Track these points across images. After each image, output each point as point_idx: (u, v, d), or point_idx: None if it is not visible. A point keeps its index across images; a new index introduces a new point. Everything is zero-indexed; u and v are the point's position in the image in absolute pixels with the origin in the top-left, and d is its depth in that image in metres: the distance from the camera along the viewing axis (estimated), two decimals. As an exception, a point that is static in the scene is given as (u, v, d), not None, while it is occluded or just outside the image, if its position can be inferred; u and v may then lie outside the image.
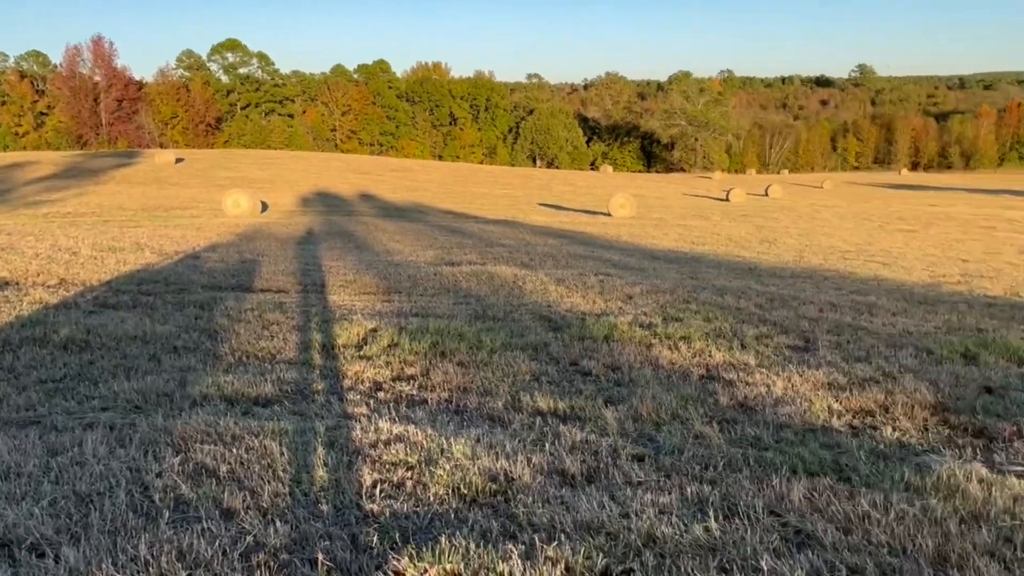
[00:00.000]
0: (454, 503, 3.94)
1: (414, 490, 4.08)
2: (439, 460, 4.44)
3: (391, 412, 5.46)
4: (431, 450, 4.60)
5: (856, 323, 9.70)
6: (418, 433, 4.88)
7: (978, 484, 4.21)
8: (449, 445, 4.66)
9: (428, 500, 3.97)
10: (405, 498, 3.98)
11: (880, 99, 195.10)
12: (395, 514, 3.80)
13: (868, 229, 33.66)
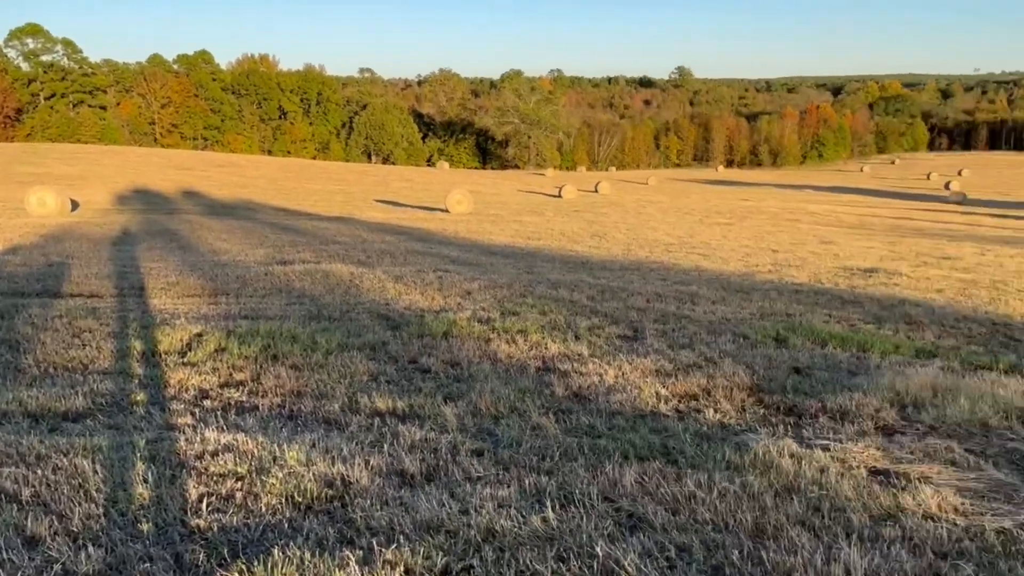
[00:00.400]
0: (288, 512, 3.79)
1: (244, 501, 3.89)
2: (271, 468, 4.25)
3: (219, 421, 5.18)
4: (263, 458, 4.40)
5: (680, 312, 10.23)
6: (248, 441, 4.66)
7: (790, 459, 4.53)
8: (282, 452, 4.48)
9: (260, 511, 3.79)
10: (235, 511, 3.78)
11: (697, 100, 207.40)
12: (224, 528, 3.60)
13: (689, 223, 35.64)
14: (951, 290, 13.50)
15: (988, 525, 3.78)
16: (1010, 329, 9.85)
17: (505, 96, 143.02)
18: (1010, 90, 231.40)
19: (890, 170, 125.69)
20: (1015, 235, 33.54)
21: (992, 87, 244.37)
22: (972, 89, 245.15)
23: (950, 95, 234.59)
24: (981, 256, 22.14)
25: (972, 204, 59.68)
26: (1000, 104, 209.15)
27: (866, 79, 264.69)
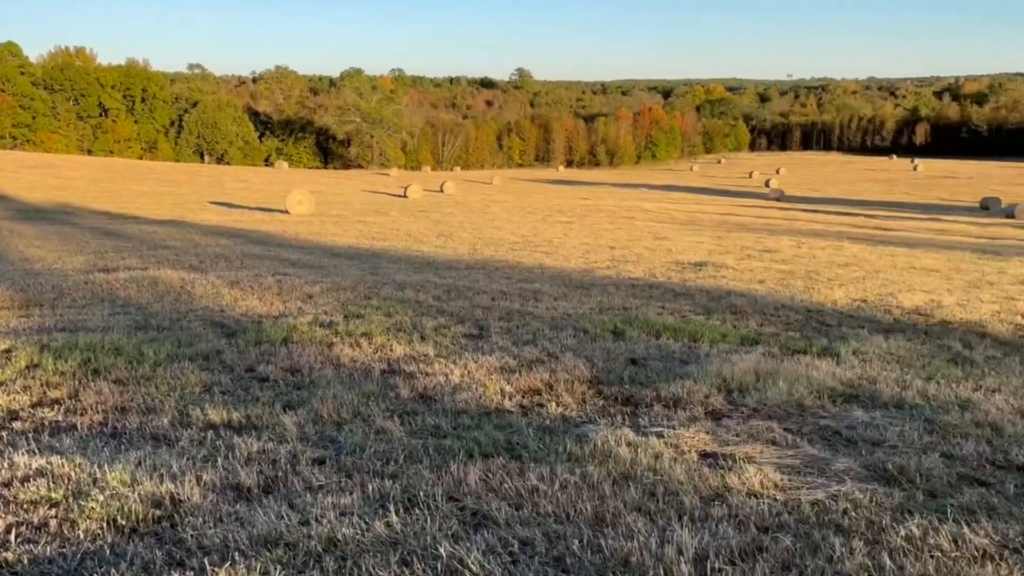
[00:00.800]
0: (110, 537, 3.53)
1: (60, 529, 3.58)
2: (91, 491, 3.95)
3: (30, 444, 4.75)
4: (81, 481, 4.08)
5: (524, 309, 10.41)
6: (64, 464, 4.31)
7: (627, 447, 4.71)
8: (103, 473, 4.17)
9: (78, 538, 3.50)
10: (48, 540, 3.48)
11: (538, 101, 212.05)
12: (36, 560, 3.31)
13: (532, 221, 36.37)
14: (771, 280, 14.50)
15: (804, 498, 4.08)
16: (822, 315, 10.70)
17: (346, 95, 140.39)
18: (819, 94, 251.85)
19: (717, 169, 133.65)
20: (826, 228, 36.52)
21: (804, 92, 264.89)
22: (786, 93, 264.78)
23: (767, 99, 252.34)
24: (797, 248, 23.92)
25: (789, 200, 64.49)
26: (811, 107, 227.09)
27: (693, 83, 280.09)
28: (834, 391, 6.31)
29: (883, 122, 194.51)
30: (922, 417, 5.67)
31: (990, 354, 8.28)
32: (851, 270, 17.20)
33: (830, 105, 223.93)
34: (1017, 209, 48.99)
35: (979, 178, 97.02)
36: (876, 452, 4.89)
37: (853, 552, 3.41)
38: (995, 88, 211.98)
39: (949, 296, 12.81)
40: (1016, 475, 4.57)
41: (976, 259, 21.56)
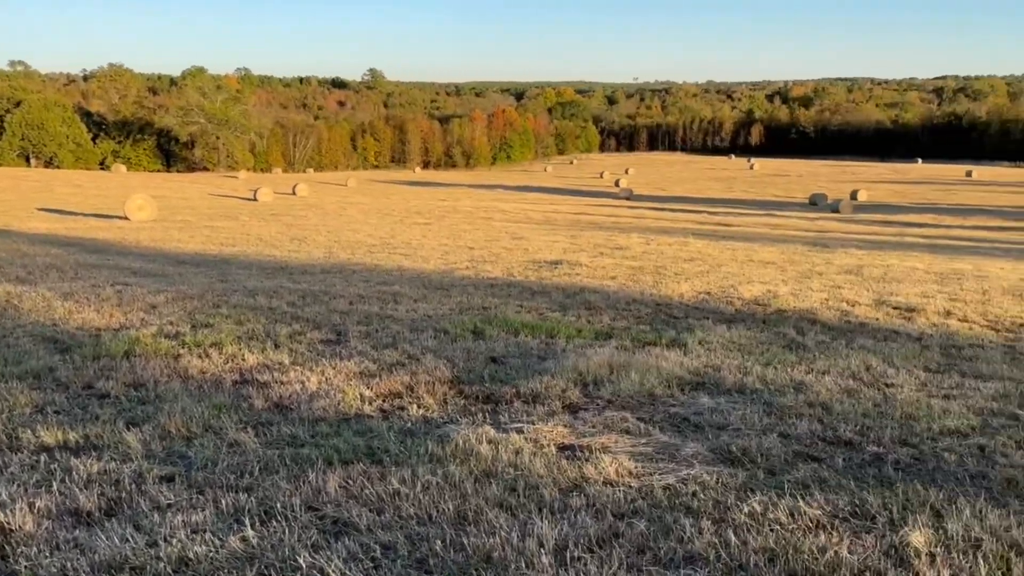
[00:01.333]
0: (-72, 578, 3.22)
1: None
2: (-96, 529, 3.58)
3: None
4: None
5: (383, 312, 10.31)
6: None
7: (488, 445, 4.76)
8: (-81, 508, 3.79)
9: None
10: None
11: (391, 102, 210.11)
12: None
13: (390, 223, 36.04)
14: (623, 277, 15.04)
15: (656, 483, 4.27)
16: (670, 308, 11.20)
17: (188, 94, 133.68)
18: (663, 97, 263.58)
19: (569, 170, 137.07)
20: (673, 225, 38.24)
21: (649, 94, 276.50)
22: (633, 96, 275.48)
23: (615, 101, 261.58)
24: (646, 245, 24.92)
25: (638, 199, 67.02)
26: (656, 110, 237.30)
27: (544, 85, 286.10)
28: (682, 380, 6.63)
29: (722, 123, 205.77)
30: (761, 400, 6.05)
31: (820, 339, 8.94)
32: (696, 265, 18.09)
33: (673, 107, 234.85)
34: (841, 204, 53.07)
35: (808, 176, 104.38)
36: (721, 436, 5.18)
37: (702, 531, 3.60)
38: (819, 92, 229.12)
39: (784, 286, 13.72)
40: (844, 449, 4.96)
41: (807, 251, 23.20)
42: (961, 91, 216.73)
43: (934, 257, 22.27)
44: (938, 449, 4.93)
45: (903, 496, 4.04)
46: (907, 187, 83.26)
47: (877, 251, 24.21)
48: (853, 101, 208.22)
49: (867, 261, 19.75)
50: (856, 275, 16.10)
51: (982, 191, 75.64)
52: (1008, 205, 58.97)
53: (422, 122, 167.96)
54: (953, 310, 11.07)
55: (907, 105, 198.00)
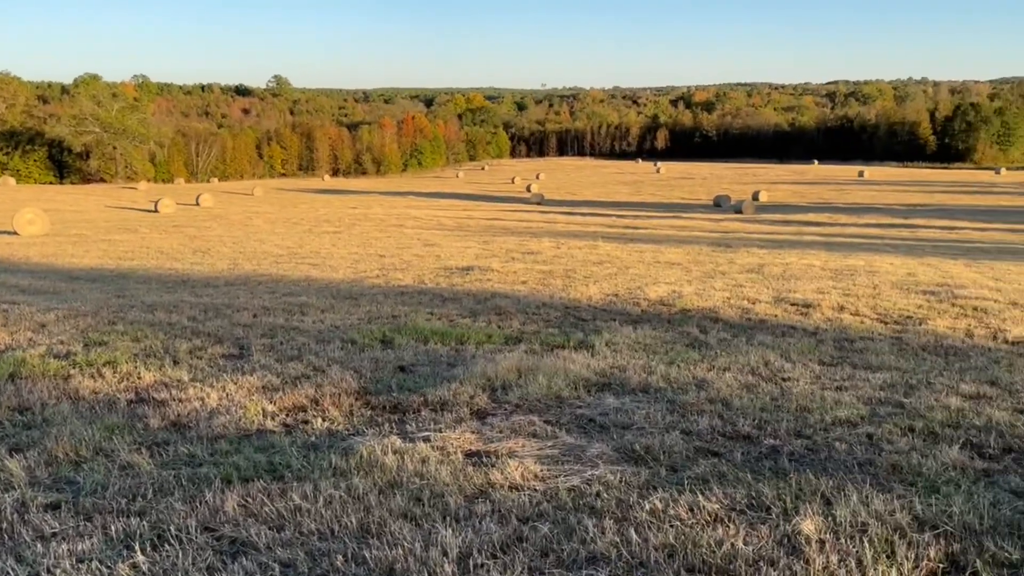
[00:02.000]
0: None
1: None
2: None
3: None
4: None
5: (289, 324, 10.08)
6: None
7: (393, 455, 4.70)
8: None
9: None
10: None
11: (298, 109, 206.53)
12: None
13: (298, 233, 35.35)
14: (533, 281, 15.15)
15: (561, 485, 4.30)
16: (578, 311, 11.34)
17: (81, 103, 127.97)
18: (571, 103, 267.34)
19: (481, 175, 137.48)
20: (583, 229, 38.81)
21: (557, 100, 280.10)
22: (541, 102, 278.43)
23: (524, 107, 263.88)
24: (557, 249, 25.19)
25: (549, 204, 67.74)
26: (564, 115, 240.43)
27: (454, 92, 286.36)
28: (589, 381, 6.71)
29: (628, 128, 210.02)
30: (665, 399, 6.18)
31: (722, 336, 9.21)
32: (605, 267, 18.38)
33: (581, 113, 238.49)
34: (744, 205, 54.90)
35: (712, 178, 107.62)
36: (626, 435, 5.26)
37: (604, 531, 3.65)
38: (721, 97, 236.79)
39: (689, 286, 14.07)
40: (743, 443, 5.11)
41: (711, 251, 23.90)
42: (852, 95, 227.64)
43: (830, 254, 23.25)
44: (830, 439, 5.14)
45: (796, 486, 4.19)
46: (805, 187, 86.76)
47: (777, 250, 25.13)
48: (753, 105, 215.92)
49: (768, 260, 20.47)
50: (757, 273, 16.66)
51: (873, 190, 79.50)
52: (897, 203, 62.15)
53: (330, 129, 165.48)
54: (846, 305, 11.57)
55: (803, 109, 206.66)
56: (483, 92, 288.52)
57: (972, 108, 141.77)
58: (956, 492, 4.12)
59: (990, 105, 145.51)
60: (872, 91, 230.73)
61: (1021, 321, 10.24)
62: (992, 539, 3.56)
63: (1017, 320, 10.31)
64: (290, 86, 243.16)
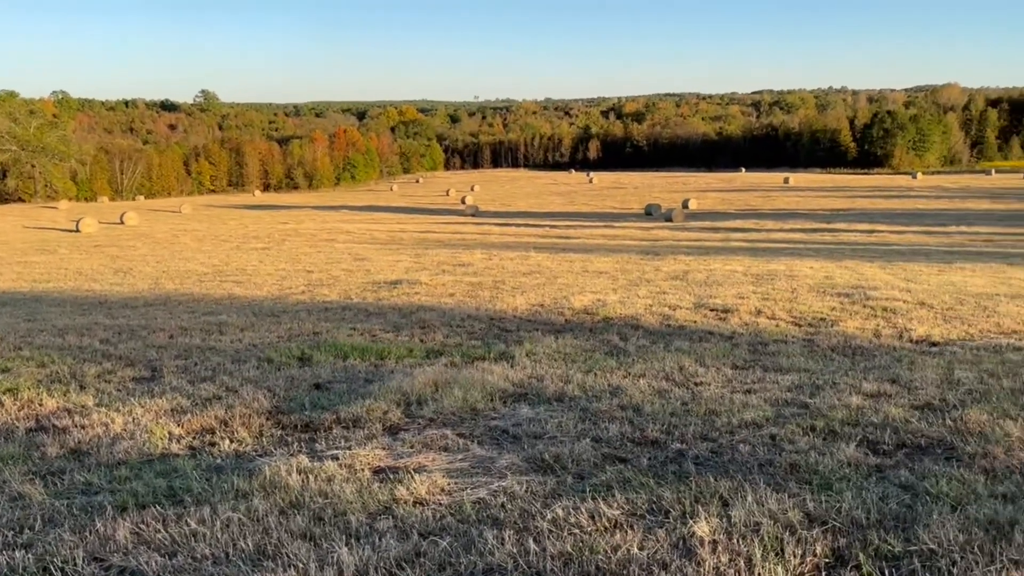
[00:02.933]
0: None
1: None
2: None
3: None
4: None
5: (206, 344, 9.86)
6: None
7: (298, 475, 4.63)
8: None
9: None
10: None
11: (227, 124, 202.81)
12: None
13: (226, 250, 34.65)
14: (461, 293, 15.14)
15: (467, 498, 4.30)
16: (503, 322, 11.38)
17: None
18: (504, 115, 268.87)
19: (415, 188, 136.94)
20: (516, 240, 38.97)
21: (490, 112, 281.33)
22: (475, 114, 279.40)
23: (457, 120, 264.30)
24: (488, 261, 25.24)
25: (484, 215, 67.83)
26: (497, 127, 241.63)
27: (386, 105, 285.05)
28: (505, 392, 6.73)
29: (561, 139, 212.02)
30: (579, 407, 6.24)
31: (641, 343, 9.34)
32: (534, 277, 18.49)
33: (514, 125, 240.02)
34: (674, 213, 55.91)
35: (644, 187, 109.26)
36: (537, 444, 5.29)
37: (504, 542, 3.66)
38: (650, 107, 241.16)
39: (613, 295, 14.25)
40: (650, 448, 5.19)
41: (640, 259, 24.26)
42: (776, 104, 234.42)
43: (754, 260, 23.84)
44: (734, 441, 5.25)
45: (696, 489, 4.27)
46: (733, 194, 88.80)
47: (704, 256, 25.66)
48: (681, 115, 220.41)
49: (693, 266, 20.88)
50: (681, 280, 16.98)
51: (798, 196, 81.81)
52: (819, 208, 64.07)
53: (260, 144, 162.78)
54: (764, 309, 11.87)
55: (729, 118, 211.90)
56: (416, 105, 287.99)
57: (889, 116, 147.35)
58: (847, 488, 4.26)
59: (905, 112, 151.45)
60: (795, 100, 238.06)
61: (927, 320, 10.66)
62: (877, 532, 3.68)
63: (923, 319, 10.73)
64: (218, 101, 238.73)
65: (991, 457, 4.77)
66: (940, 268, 20.44)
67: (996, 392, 6.45)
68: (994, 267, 20.78)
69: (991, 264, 21.91)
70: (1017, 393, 6.41)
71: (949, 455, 4.90)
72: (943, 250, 28.73)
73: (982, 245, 31.39)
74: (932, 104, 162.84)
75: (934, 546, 3.51)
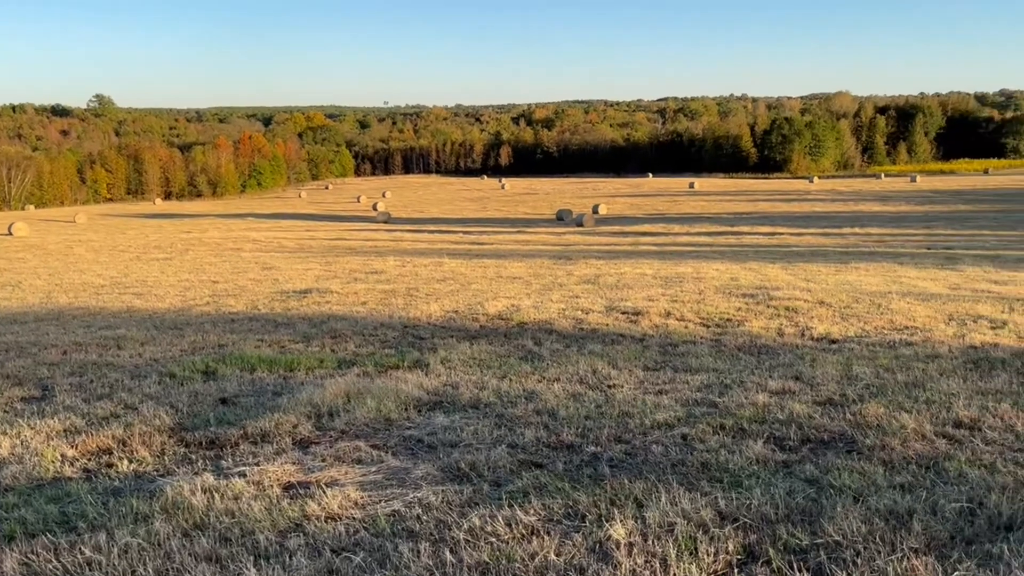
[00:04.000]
0: None
1: None
2: None
3: None
4: None
5: (103, 360, 9.40)
6: None
7: (203, 494, 4.44)
8: None
9: None
10: None
11: (124, 130, 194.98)
12: None
13: (125, 260, 33.25)
14: (373, 301, 14.92)
15: (381, 511, 4.20)
16: (417, 329, 11.25)
17: None
18: (415, 121, 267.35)
19: (325, 195, 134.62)
20: (429, 247, 38.73)
21: (400, 118, 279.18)
22: (384, 120, 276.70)
23: (367, 125, 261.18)
24: (402, 268, 25.00)
25: (396, 222, 67.23)
26: (408, 133, 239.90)
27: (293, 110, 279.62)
28: (420, 401, 6.64)
29: (472, 145, 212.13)
30: (494, 414, 6.20)
31: (555, 347, 9.39)
32: (448, 284, 18.40)
33: (425, 131, 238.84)
34: (585, 218, 56.68)
35: (555, 193, 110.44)
36: (453, 453, 5.23)
37: (420, 555, 3.59)
38: (560, 114, 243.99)
39: (527, 300, 14.30)
40: (565, 453, 5.20)
41: (552, 264, 24.45)
42: (681, 111, 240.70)
43: (662, 263, 24.35)
44: (648, 442, 5.32)
45: (611, 492, 4.29)
46: (641, 199, 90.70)
47: (614, 260, 26.07)
48: (590, 122, 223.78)
49: (604, 270, 21.18)
50: (593, 284, 17.19)
51: (703, 200, 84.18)
52: (724, 212, 66.09)
53: (160, 151, 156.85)
54: (673, 311, 12.12)
55: (636, 124, 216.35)
56: (324, 110, 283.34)
57: (787, 122, 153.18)
58: (757, 485, 4.36)
59: (801, 119, 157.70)
60: (699, 107, 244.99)
61: (826, 319, 11.08)
62: (785, 527, 3.78)
63: (823, 318, 11.15)
64: (114, 106, 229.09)
65: (889, 449, 4.97)
66: (837, 268, 21.33)
67: (891, 386, 6.75)
68: (886, 266, 21.83)
69: (883, 264, 23.01)
70: (911, 387, 6.72)
71: (850, 448, 5.08)
72: (839, 251, 30.01)
73: (874, 245, 32.94)
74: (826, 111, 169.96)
75: (839, 538, 3.62)
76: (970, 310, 11.66)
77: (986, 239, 34.01)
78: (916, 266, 21.73)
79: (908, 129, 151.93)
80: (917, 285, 16.20)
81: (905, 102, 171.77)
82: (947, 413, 5.76)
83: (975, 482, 4.33)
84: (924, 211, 59.22)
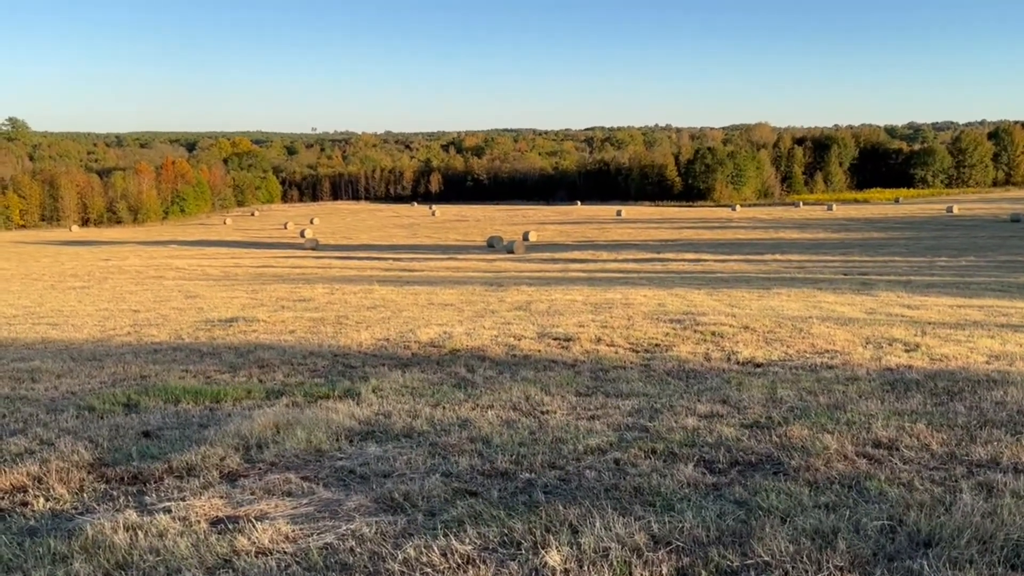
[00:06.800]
0: None
1: None
2: None
3: None
4: None
5: (16, 393, 9.00)
6: None
7: (125, 532, 4.27)
8: None
9: None
10: None
11: (39, 155, 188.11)
12: None
13: (39, 290, 31.96)
14: (302, 329, 14.69)
15: (313, 544, 4.12)
16: (348, 358, 11.12)
17: None
18: (343, 147, 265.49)
19: (251, 221, 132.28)
20: (359, 274, 38.39)
21: (329, 145, 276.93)
22: (312, 146, 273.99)
23: (295, 151, 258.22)
24: (331, 295, 24.70)
25: (324, 249, 66.46)
26: (337, 159, 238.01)
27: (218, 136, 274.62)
28: (352, 431, 6.55)
29: (403, 172, 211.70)
30: (428, 442, 6.16)
31: (488, 374, 9.40)
32: (378, 311, 18.25)
33: (354, 157, 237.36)
34: (515, 245, 57.08)
35: (485, 220, 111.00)
36: (386, 483, 5.17)
37: (354, 588, 3.52)
38: (489, 142, 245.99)
39: (459, 326, 14.29)
40: (500, 480, 5.19)
41: (484, 291, 24.53)
42: (607, 140, 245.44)
43: (592, 289, 24.69)
44: (581, 468, 5.36)
45: (546, 518, 4.31)
46: (570, 227, 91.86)
47: (545, 287, 26.31)
48: (519, 150, 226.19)
49: (536, 297, 21.34)
50: (525, 311, 17.28)
51: (630, 228, 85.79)
52: (650, 239, 67.49)
53: (78, 176, 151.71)
54: (603, 336, 12.28)
55: (564, 153, 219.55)
56: (250, 136, 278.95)
57: (709, 152, 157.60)
58: (688, 508, 4.43)
59: (724, 149, 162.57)
60: (625, 137, 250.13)
61: (751, 343, 11.39)
62: (717, 549, 3.85)
63: (747, 342, 11.45)
64: (28, 129, 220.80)
65: (813, 470, 5.12)
66: (760, 294, 21.97)
67: (814, 408, 6.97)
68: (806, 292, 22.59)
69: (803, 289, 23.81)
70: (832, 408, 6.95)
71: (777, 470, 5.22)
72: (762, 277, 30.95)
73: (795, 271, 34.07)
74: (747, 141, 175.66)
75: (768, 558, 3.71)
76: (885, 333, 12.14)
77: (898, 265, 35.55)
78: (834, 291, 22.56)
79: (824, 159, 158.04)
80: (836, 310, 16.81)
81: (821, 133, 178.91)
82: (867, 434, 5.98)
83: (895, 500, 4.49)
84: (840, 238, 61.60)
